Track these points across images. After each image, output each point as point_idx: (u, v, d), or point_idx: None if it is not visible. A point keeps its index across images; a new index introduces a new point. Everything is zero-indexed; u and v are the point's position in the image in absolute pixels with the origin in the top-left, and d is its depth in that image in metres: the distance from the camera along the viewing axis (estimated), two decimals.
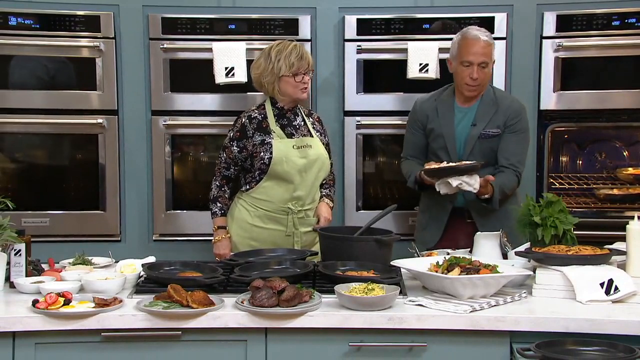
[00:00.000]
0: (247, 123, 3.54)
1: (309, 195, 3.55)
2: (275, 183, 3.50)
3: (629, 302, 2.63)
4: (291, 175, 3.49)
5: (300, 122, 3.59)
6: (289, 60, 3.46)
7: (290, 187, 3.50)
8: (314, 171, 3.54)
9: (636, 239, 2.78)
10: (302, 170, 3.50)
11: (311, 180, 3.54)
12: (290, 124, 3.57)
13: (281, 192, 3.50)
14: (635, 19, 4.02)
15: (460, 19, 4.07)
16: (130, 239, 4.24)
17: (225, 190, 3.63)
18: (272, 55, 3.49)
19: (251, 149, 3.51)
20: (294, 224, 3.52)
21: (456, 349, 2.55)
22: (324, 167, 3.58)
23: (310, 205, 3.57)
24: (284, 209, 3.51)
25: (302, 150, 3.52)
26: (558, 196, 2.99)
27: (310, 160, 3.52)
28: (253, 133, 3.52)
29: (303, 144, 3.53)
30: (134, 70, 4.17)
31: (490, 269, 2.69)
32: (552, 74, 4.08)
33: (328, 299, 2.64)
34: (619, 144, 4.50)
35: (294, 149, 3.50)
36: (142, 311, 2.56)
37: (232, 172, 3.59)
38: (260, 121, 3.54)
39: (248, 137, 3.52)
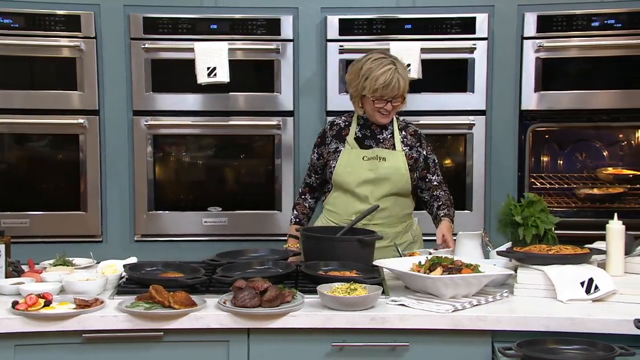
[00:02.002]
0: (327, 129, 3.47)
1: (379, 210, 3.30)
2: (341, 194, 3.39)
3: (609, 300, 2.64)
4: (356, 187, 3.34)
5: (387, 135, 3.40)
6: (374, 83, 3.24)
7: (356, 200, 3.35)
8: (386, 186, 3.34)
9: (616, 238, 2.80)
10: (368, 183, 3.34)
11: (382, 195, 3.34)
12: (373, 136, 3.40)
13: (347, 204, 3.37)
14: (615, 20, 4.05)
15: (441, 19, 4.09)
16: (111, 240, 4.21)
17: (306, 199, 3.52)
18: (364, 69, 3.28)
19: (326, 156, 3.42)
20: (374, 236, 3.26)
21: (438, 349, 2.55)
22: (398, 184, 3.34)
23: (381, 221, 3.35)
24: (346, 223, 3.28)
25: (372, 163, 3.35)
26: (539, 196, 3.00)
27: (380, 174, 3.33)
28: (330, 140, 3.44)
29: (374, 156, 3.35)
30: (115, 70, 4.15)
31: (472, 268, 2.70)
32: (533, 74, 4.11)
33: (310, 299, 2.63)
34: (599, 144, 4.54)
35: (364, 160, 3.35)
36: (124, 312, 2.55)
37: (313, 180, 3.51)
38: (341, 129, 3.44)
39: (325, 144, 3.45)
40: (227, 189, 4.40)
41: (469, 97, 4.14)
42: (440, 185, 3.45)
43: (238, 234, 4.22)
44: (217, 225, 4.23)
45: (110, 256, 3.13)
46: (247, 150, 4.37)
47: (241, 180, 4.42)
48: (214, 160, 4.38)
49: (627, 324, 2.42)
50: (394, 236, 3.38)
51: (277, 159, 4.23)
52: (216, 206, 4.27)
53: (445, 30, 4.10)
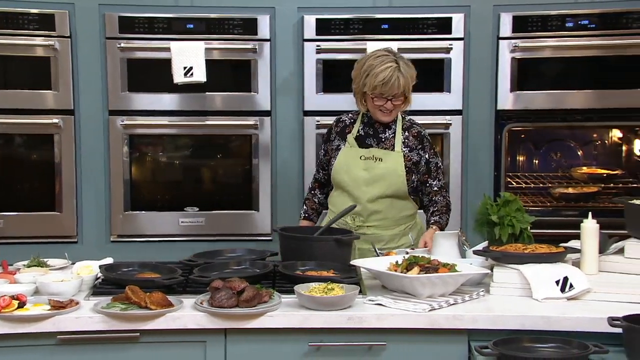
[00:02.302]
0: (333, 126, 3.46)
1: (373, 212, 3.32)
2: (340, 193, 3.38)
3: (583, 299, 2.67)
4: (351, 186, 3.33)
5: (389, 135, 3.36)
6: (373, 81, 3.21)
7: (351, 200, 3.32)
8: (380, 187, 3.31)
9: (590, 237, 2.83)
10: (362, 183, 3.31)
11: (376, 196, 3.31)
12: (375, 134, 3.37)
13: (343, 203, 3.32)
14: (588, 21, 4.09)
15: (418, 19, 4.11)
16: (87, 240, 4.18)
17: (315, 194, 3.51)
18: (366, 65, 3.25)
19: (330, 153, 3.42)
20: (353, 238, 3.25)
21: (415, 348, 2.56)
22: (393, 185, 3.31)
23: (376, 223, 3.34)
24: (342, 223, 3.30)
25: (368, 162, 3.32)
26: (515, 195, 3.02)
27: (375, 174, 3.31)
28: (334, 137, 3.42)
29: (371, 155, 3.33)
30: (90, 69, 4.12)
31: (448, 267, 2.71)
32: (508, 74, 4.13)
33: (288, 299, 2.63)
34: (574, 143, 4.58)
35: (361, 159, 3.33)
36: (100, 313, 2.53)
37: (321, 176, 3.50)
38: (346, 126, 3.42)
39: (330, 141, 3.44)
40: (204, 189, 4.39)
41: (446, 97, 4.16)
42: (440, 190, 3.41)
43: (215, 234, 4.21)
44: (194, 225, 4.22)
45: (86, 257, 3.10)
46: (224, 150, 4.36)
47: (218, 180, 4.41)
48: (190, 160, 4.36)
49: (601, 322, 2.44)
50: (390, 239, 3.36)
51: (254, 159, 4.22)
52: (193, 206, 4.25)
53: (421, 31, 4.11)
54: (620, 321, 2.38)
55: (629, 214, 2.97)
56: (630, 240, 2.89)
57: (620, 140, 4.51)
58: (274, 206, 4.23)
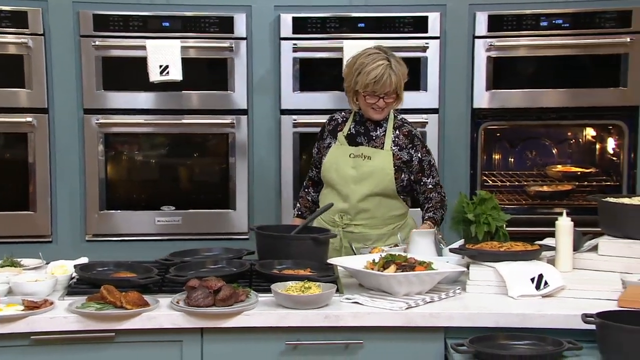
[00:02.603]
0: (325, 124, 3.46)
1: (360, 210, 3.32)
2: (329, 191, 3.37)
3: (558, 296, 2.69)
4: (339, 184, 3.32)
5: (380, 133, 3.35)
6: (365, 78, 3.20)
7: (339, 198, 3.32)
8: (368, 185, 3.30)
9: (564, 235, 2.85)
10: (350, 181, 3.31)
11: (364, 194, 3.30)
12: (366, 133, 3.37)
13: (333, 200, 3.31)
14: (562, 20, 4.12)
15: (394, 18, 4.11)
16: (62, 240, 4.15)
17: (309, 192, 3.52)
18: (357, 63, 3.25)
19: (322, 151, 3.41)
20: (341, 239, 3.31)
21: (392, 346, 2.57)
22: (382, 183, 3.30)
23: (363, 222, 3.33)
24: (329, 221, 3.34)
25: (357, 160, 3.32)
26: (491, 193, 3.04)
27: (363, 172, 3.30)
28: (327, 135, 3.42)
29: (359, 153, 3.32)
30: (64, 67, 4.08)
31: (425, 266, 2.72)
32: (484, 73, 4.15)
33: (265, 298, 2.62)
34: (549, 142, 4.61)
35: (350, 157, 3.33)
36: (74, 313, 2.50)
37: (314, 174, 3.51)
38: (338, 124, 3.42)
39: (322, 139, 3.44)
40: (181, 188, 4.37)
41: (422, 95, 4.17)
42: (435, 187, 3.40)
43: (192, 233, 4.19)
44: (170, 224, 4.20)
45: (61, 257, 3.07)
46: (201, 149, 4.34)
47: (195, 179, 4.39)
48: (167, 159, 4.34)
49: (575, 318, 2.46)
50: (377, 238, 3.35)
51: (231, 158, 4.21)
52: (169, 205, 4.23)
53: (398, 29, 4.12)
54: (593, 318, 2.40)
55: (602, 211, 3.00)
56: (604, 237, 2.92)
57: (594, 138, 4.55)
58: (251, 205, 4.22)
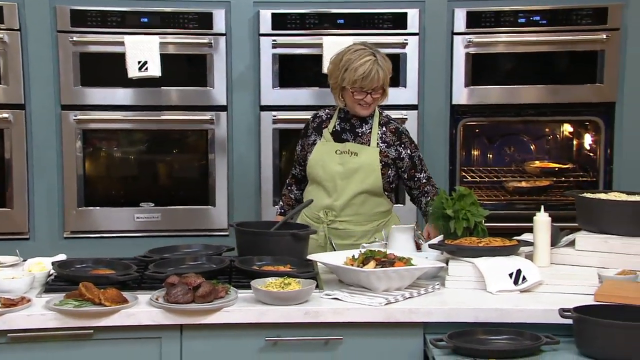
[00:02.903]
0: (310, 121, 3.44)
1: (346, 206, 3.31)
2: (315, 187, 3.36)
3: (536, 291, 2.70)
4: (325, 180, 3.31)
5: (366, 130, 3.34)
6: (353, 75, 3.19)
7: (325, 195, 3.32)
8: (355, 182, 3.29)
9: (542, 230, 2.86)
10: (337, 177, 3.30)
11: (350, 191, 3.30)
12: (352, 129, 3.35)
13: (318, 198, 3.31)
14: (539, 17, 4.14)
15: (373, 14, 4.11)
16: (39, 237, 4.11)
17: (292, 190, 3.51)
18: (343, 60, 3.24)
19: (306, 148, 3.40)
20: (326, 235, 3.30)
21: (371, 342, 2.56)
22: (369, 179, 3.29)
23: (347, 218, 3.33)
24: (315, 217, 3.33)
25: (343, 157, 3.31)
26: (469, 189, 3.04)
27: (349, 168, 3.29)
28: (311, 132, 3.41)
29: (346, 150, 3.31)
30: (41, 63, 4.04)
31: (404, 261, 2.72)
32: (462, 69, 4.16)
33: (244, 294, 2.62)
34: (527, 138, 4.63)
35: (336, 154, 3.31)
36: (52, 310, 2.48)
37: (298, 172, 3.49)
38: (322, 121, 3.41)
39: (307, 136, 3.42)
40: (160, 185, 4.35)
41: (401, 91, 4.17)
42: (428, 181, 3.41)
43: (171, 229, 4.17)
44: (149, 221, 4.17)
45: (38, 254, 3.04)
46: (180, 145, 4.32)
47: (174, 175, 4.36)
48: (146, 156, 4.31)
49: (552, 313, 2.48)
50: (362, 235, 3.34)
51: (210, 154, 4.19)
52: (149, 202, 4.20)
53: (377, 26, 4.12)
54: (570, 312, 2.42)
55: (579, 207, 3.02)
56: (581, 232, 2.94)
57: (571, 134, 4.58)
58: (231, 201, 4.20)
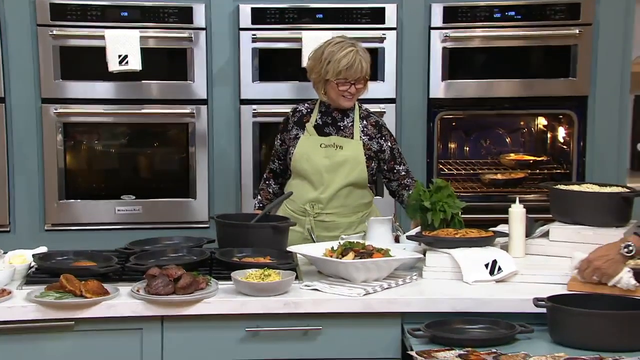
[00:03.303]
0: (290, 116, 3.42)
1: (332, 199, 3.30)
2: (299, 181, 3.34)
3: (511, 281, 2.72)
4: (311, 174, 3.29)
5: (347, 123, 3.34)
6: (337, 66, 3.19)
7: (311, 188, 3.30)
8: (341, 174, 3.29)
9: (517, 221, 2.89)
10: (323, 171, 3.28)
11: (336, 183, 3.29)
12: (334, 123, 3.34)
13: (302, 192, 3.30)
14: (514, 12, 4.16)
15: (352, 9, 4.11)
16: (20, 230, 4.08)
17: (270, 185, 3.48)
18: (325, 53, 3.23)
19: (287, 142, 3.37)
20: (312, 228, 3.30)
21: (350, 331, 2.57)
22: (354, 172, 3.29)
23: (333, 211, 3.31)
24: (301, 210, 3.31)
25: (328, 150, 3.29)
26: (447, 181, 3.05)
27: (335, 162, 3.28)
28: (292, 127, 3.38)
29: (331, 143, 3.30)
30: (21, 57, 4.00)
31: (382, 252, 2.73)
32: (440, 63, 4.17)
33: (225, 285, 2.62)
34: (502, 131, 4.66)
35: (321, 147, 3.30)
36: (33, 302, 2.47)
37: (276, 166, 3.46)
38: (303, 115, 3.39)
39: (287, 130, 3.39)
40: (141, 177, 4.33)
41: (379, 85, 4.18)
42: (407, 173, 3.42)
43: (152, 222, 4.15)
44: (130, 213, 4.15)
45: (19, 246, 3.01)
46: (161, 139, 4.30)
47: (155, 168, 4.35)
48: (127, 149, 4.29)
49: (527, 302, 2.49)
50: (347, 226, 3.35)
51: (191, 147, 4.17)
52: (130, 194, 4.18)
53: (355, 20, 4.12)
54: (544, 302, 2.44)
55: (553, 198, 3.04)
56: (555, 224, 2.96)
57: (545, 127, 4.61)
58: (211, 194, 4.19)
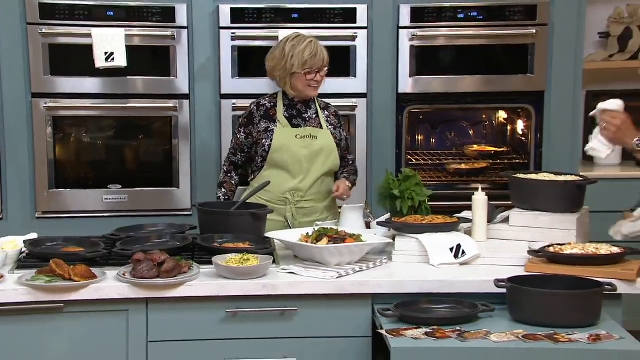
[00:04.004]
0: (254, 110, 3.36)
1: (311, 187, 3.30)
2: (275, 172, 3.29)
3: (474, 264, 2.73)
4: (291, 164, 3.27)
5: (312, 115, 3.34)
6: (302, 56, 3.20)
7: (290, 177, 3.28)
8: (318, 163, 3.29)
9: (480, 208, 2.89)
10: (303, 160, 3.27)
11: (315, 172, 3.29)
12: (300, 115, 3.33)
13: (280, 181, 3.27)
14: (477, 13, 4.16)
15: (325, 9, 4.08)
16: (12, 217, 4.02)
17: (232, 177, 3.42)
18: (287, 49, 3.23)
19: (256, 135, 3.31)
20: (293, 215, 3.28)
21: (324, 312, 2.57)
22: (330, 159, 3.31)
23: (312, 197, 3.31)
24: (282, 199, 3.28)
25: (305, 141, 3.27)
26: (414, 171, 3.06)
27: (313, 151, 3.27)
28: (259, 120, 3.32)
29: (307, 134, 3.28)
30: (12, 54, 3.93)
31: (354, 238, 2.73)
32: (408, 60, 4.16)
33: (206, 269, 2.60)
34: (466, 123, 4.67)
35: (297, 138, 3.27)
36: (24, 285, 2.44)
37: (239, 159, 3.41)
38: (268, 109, 3.34)
39: (254, 124, 3.33)
40: (127, 168, 4.28)
41: (352, 81, 4.16)
42: (353, 162, 3.52)
43: (137, 210, 4.10)
44: (117, 202, 4.11)
45: (11, 233, 2.97)
46: (146, 131, 4.25)
47: (140, 159, 4.30)
48: (113, 141, 4.24)
49: (488, 283, 2.51)
50: (323, 210, 3.36)
51: (174, 139, 4.13)
52: (116, 184, 4.14)
53: (329, 20, 4.09)
54: (504, 282, 2.45)
55: (513, 186, 3.05)
56: (514, 210, 2.98)
57: (506, 120, 4.63)
58: (193, 183, 4.16)
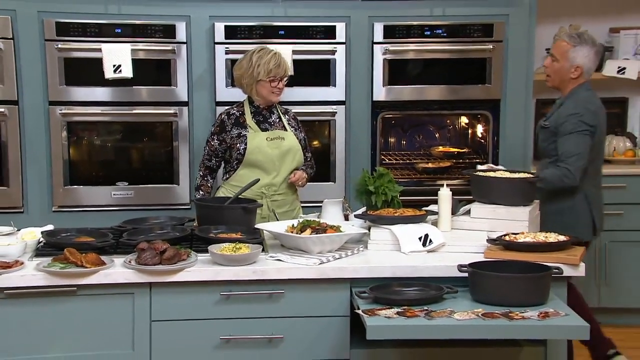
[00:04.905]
0: (225, 119, 3.36)
1: (283, 182, 3.33)
2: (249, 170, 3.30)
3: (440, 251, 2.73)
4: (264, 163, 3.28)
5: (275, 119, 3.37)
6: (267, 66, 3.24)
7: (264, 175, 3.28)
8: (288, 161, 3.32)
9: (445, 202, 2.90)
10: (274, 159, 3.29)
11: (285, 168, 3.32)
12: (265, 120, 3.35)
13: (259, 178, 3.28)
14: (441, 30, 4.15)
15: (308, 27, 4.06)
16: (32, 211, 3.97)
17: (208, 180, 3.42)
18: (254, 59, 3.27)
19: (229, 141, 3.32)
20: (268, 207, 3.27)
21: (307, 294, 2.56)
22: (296, 157, 3.35)
23: (284, 191, 3.34)
24: (258, 194, 3.26)
25: (275, 142, 3.30)
26: (387, 169, 3.05)
27: (283, 150, 3.30)
28: (231, 127, 3.33)
29: (276, 136, 3.31)
30: (32, 66, 3.89)
31: (335, 229, 2.72)
32: (381, 72, 4.15)
33: (203, 257, 2.59)
34: (432, 127, 4.67)
35: (268, 141, 3.29)
36: (41, 271, 2.43)
37: (213, 163, 3.40)
38: (237, 117, 3.35)
39: (227, 131, 3.33)
40: (133, 167, 4.24)
41: (332, 90, 4.15)
42: (311, 159, 3.51)
43: (142, 204, 4.07)
44: (124, 197, 4.07)
45: (30, 224, 2.96)
46: (149, 135, 4.22)
47: (145, 159, 4.26)
48: (121, 143, 4.20)
49: (452, 269, 2.52)
50: (291, 201, 3.39)
51: (174, 142, 4.10)
52: (123, 181, 4.10)
53: (311, 36, 4.08)
54: (466, 267, 2.45)
55: (473, 183, 3.06)
56: (475, 204, 2.98)
57: (467, 125, 4.63)
58: (192, 181, 4.11)
